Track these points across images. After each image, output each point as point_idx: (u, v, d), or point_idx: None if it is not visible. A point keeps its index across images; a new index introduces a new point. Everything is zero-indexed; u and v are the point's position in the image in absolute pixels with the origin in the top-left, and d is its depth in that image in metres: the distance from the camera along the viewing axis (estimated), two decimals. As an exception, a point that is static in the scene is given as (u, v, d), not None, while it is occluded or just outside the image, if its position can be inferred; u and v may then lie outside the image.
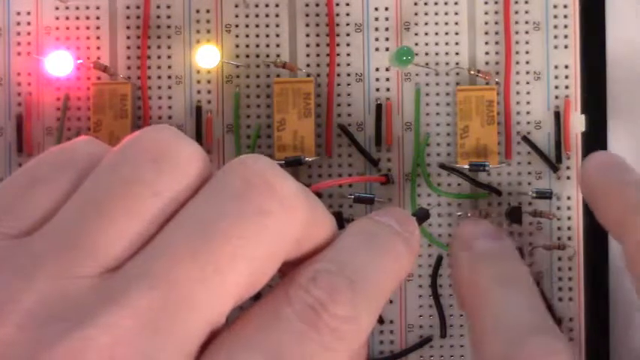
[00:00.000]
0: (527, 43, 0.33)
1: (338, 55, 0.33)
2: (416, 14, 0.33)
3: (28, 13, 0.33)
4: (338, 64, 0.33)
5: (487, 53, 0.33)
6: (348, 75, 0.33)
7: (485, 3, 0.33)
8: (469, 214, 0.33)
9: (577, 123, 0.33)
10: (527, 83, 0.33)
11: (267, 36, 0.33)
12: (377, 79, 0.33)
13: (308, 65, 0.33)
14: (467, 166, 0.32)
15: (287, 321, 0.19)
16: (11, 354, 0.17)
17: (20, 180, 0.20)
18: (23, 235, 0.19)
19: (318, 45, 0.33)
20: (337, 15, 0.33)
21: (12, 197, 0.20)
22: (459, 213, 0.33)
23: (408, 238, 0.22)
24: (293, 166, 0.32)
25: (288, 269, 0.21)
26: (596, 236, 0.33)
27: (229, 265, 0.18)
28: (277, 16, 0.33)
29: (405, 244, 0.22)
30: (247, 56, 0.33)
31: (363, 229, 0.22)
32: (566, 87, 0.33)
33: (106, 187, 0.19)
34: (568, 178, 0.33)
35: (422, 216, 0.27)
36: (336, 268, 0.20)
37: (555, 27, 0.33)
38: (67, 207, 0.19)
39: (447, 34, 0.33)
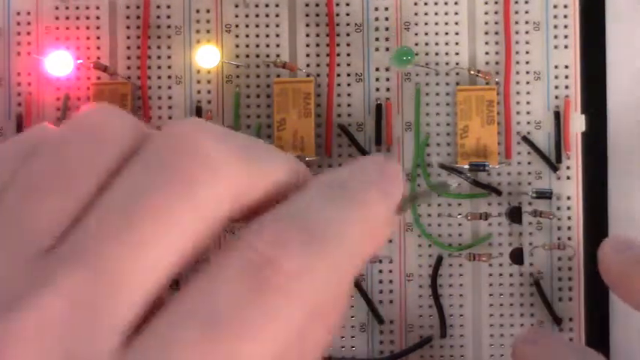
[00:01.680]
0: (527, 43, 0.33)
1: (338, 55, 0.33)
2: (416, 14, 0.33)
3: (28, 13, 0.33)
4: (338, 64, 0.33)
5: (487, 53, 0.33)
6: (348, 75, 0.33)
7: (485, 3, 0.33)
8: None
9: (577, 123, 0.33)
10: (527, 83, 0.33)
11: (267, 36, 0.33)
12: (377, 79, 0.33)
13: (308, 65, 0.33)
14: (467, 166, 0.32)
15: (227, 282, 0.17)
16: None
17: None
18: None
19: (318, 45, 0.33)
20: (337, 15, 0.33)
21: None
22: (459, 213, 0.33)
23: (381, 183, 0.20)
24: (293, 166, 0.32)
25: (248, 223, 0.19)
26: (596, 236, 0.33)
27: (156, 239, 0.18)
28: (277, 16, 0.33)
29: (377, 190, 0.19)
30: (247, 56, 0.33)
31: (330, 177, 0.20)
32: (566, 87, 0.33)
33: (40, 167, 0.19)
34: (568, 178, 0.33)
35: (439, 190, 0.26)
36: (288, 218, 0.18)
37: (555, 27, 0.33)
38: (6, 191, 0.19)
39: (447, 34, 0.33)
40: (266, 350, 0.17)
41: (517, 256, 0.33)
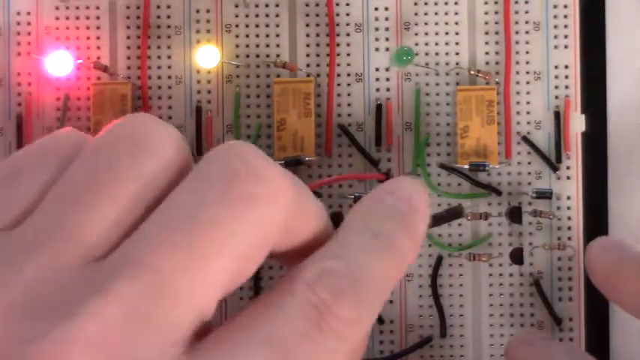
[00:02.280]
0: (527, 43, 0.33)
1: (338, 55, 0.33)
2: (416, 14, 0.33)
3: (28, 13, 0.33)
4: (338, 64, 0.33)
5: (487, 53, 0.33)
6: (348, 75, 0.33)
7: (485, 3, 0.33)
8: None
9: (577, 123, 0.33)
10: (527, 83, 0.33)
11: (267, 36, 0.33)
12: (377, 79, 0.33)
13: (308, 65, 0.33)
14: (467, 166, 0.32)
15: (292, 319, 0.19)
16: None
17: (2, 173, 0.20)
18: (8, 228, 0.19)
19: (318, 45, 0.33)
20: (337, 15, 0.33)
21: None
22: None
23: (412, 223, 0.22)
24: (293, 166, 0.32)
25: (282, 260, 0.21)
26: (596, 236, 0.33)
27: (214, 253, 0.18)
28: (277, 16, 0.33)
29: (409, 237, 0.21)
30: (247, 56, 0.33)
31: (371, 222, 0.21)
32: (566, 87, 0.33)
33: (86, 175, 0.19)
34: (568, 178, 0.33)
35: (453, 215, 0.27)
36: (342, 268, 0.20)
37: (555, 27, 0.33)
38: (49, 197, 0.19)
39: (447, 34, 0.33)
40: None
41: (517, 256, 0.33)
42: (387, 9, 0.33)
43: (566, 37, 0.33)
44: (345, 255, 0.20)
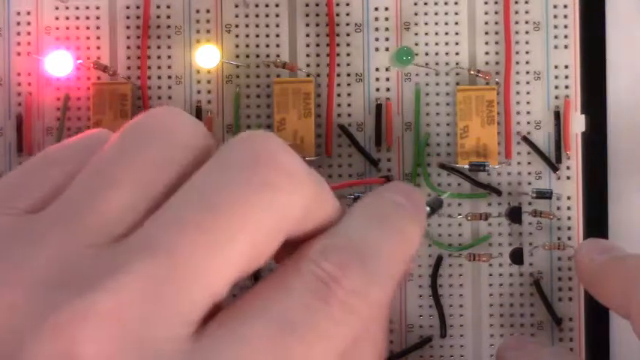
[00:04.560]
0: (527, 43, 0.33)
1: (338, 55, 0.33)
2: (416, 14, 0.33)
3: (28, 13, 0.33)
4: (338, 64, 0.33)
5: (487, 53, 0.33)
6: (348, 75, 0.33)
7: (485, 3, 0.33)
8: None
9: (577, 123, 0.33)
10: (527, 83, 0.33)
11: (267, 36, 0.33)
12: (377, 79, 0.33)
13: (308, 65, 0.33)
14: (467, 166, 0.32)
15: (297, 292, 0.19)
16: (19, 318, 0.18)
17: (35, 161, 0.21)
18: (36, 211, 0.20)
19: (318, 45, 0.33)
20: (337, 15, 0.33)
21: (25, 176, 0.21)
22: (459, 213, 0.33)
23: (415, 215, 0.22)
24: (293, 166, 0.32)
25: (290, 249, 0.21)
26: (596, 236, 0.33)
27: (234, 236, 0.19)
28: (277, 16, 0.33)
29: (413, 222, 0.22)
30: (247, 56, 0.33)
31: (372, 207, 0.22)
32: (566, 87, 0.33)
33: (110, 160, 0.20)
34: (568, 178, 0.33)
35: (436, 205, 0.27)
36: (347, 244, 0.20)
37: (555, 27, 0.33)
38: (76, 180, 0.20)
39: (447, 34, 0.33)
40: (330, 354, 0.19)
41: (517, 256, 0.33)
42: (387, 9, 0.33)
43: (566, 37, 0.33)
44: (350, 233, 0.21)
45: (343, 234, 0.21)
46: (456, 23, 0.33)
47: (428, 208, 0.25)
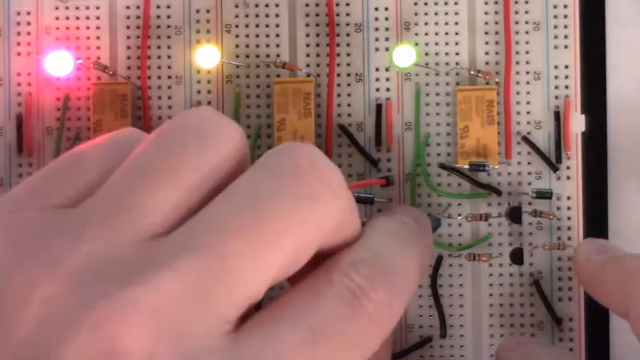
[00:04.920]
0: (527, 43, 0.33)
1: (338, 55, 0.33)
2: (416, 14, 0.33)
3: (28, 13, 0.33)
4: (338, 64, 0.33)
5: (487, 53, 0.33)
6: (348, 75, 0.33)
7: (485, 3, 0.33)
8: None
9: (577, 123, 0.33)
10: (527, 83, 0.33)
11: (267, 36, 0.33)
12: (377, 79, 0.33)
13: (308, 65, 0.33)
14: (467, 166, 0.32)
15: (329, 300, 0.20)
16: (58, 310, 0.18)
17: (67, 158, 0.22)
18: (70, 205, 0.20)
19: (318, 45, 0.33)
20: (337, 15, 0.33)
21: (57, 173, 0.21)
22: (459, 214, 0.33)
23: (426, 235, 0.24)
24: (293, 166, 0.32)
25: (317, 261, 0.21)
26: (596, 236, 0.33)
27: (273, 243, 0.19)
28: (277, 16, 0.33)
29: (424, 241, 0.24)
30: (247, 56, 0.33)
31: (389, 227, 0.23)
32: (566, 87, 0.33)
33: (152, 157, 0.20)
34: (568, 178, 0.33)
35: (435, 225, 0.30)
36: (374, 259, 0.21)
37: (555, 27, 0.33)
38: (114, 177, 0.20)
39: (447, 34, 0.33)
40: None
41: (517, 256, 0.33)
42: (387, 9, 0.33)
43: (566, 37, 0.33)
44: (373, 248, 0.22)
45: (369, 249, 0.22)
46: (456, 23, 0.33)
47: None
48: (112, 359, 0.17)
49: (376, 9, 0.33)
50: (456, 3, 0.33)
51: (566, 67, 0.33)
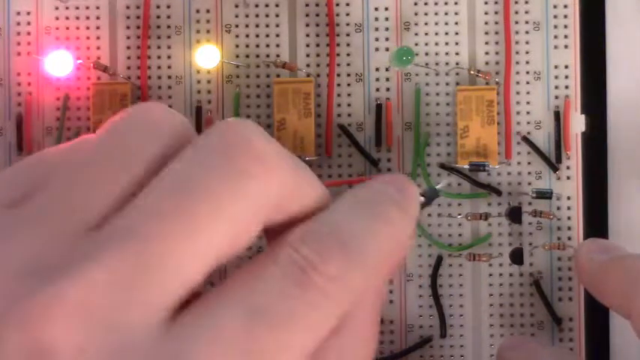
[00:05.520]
0: (527, 43, 0.33)
1: (338, 55, 0.33)
2: (416, 14, 0.33)
3: (28, 13, 0.33)
4: (338, 64, 0.33)
5: (487, 53, 0.33)
6: (348, 75, 0.33)
7: (485, 3, 0.33)
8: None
9: (577, 123, 0.33)
10: (527, 83, 0.33)
11: (267, 36, 0.33)
12: (377, 79, 0.33)
13: (308, 65, 0.33)
14: (467, 166, 0.32)
15: (272, 279, 0.19)
16: None
17: (21, 162, 0.22)
18: (16, 206, 0.20)
19: (318, 45, 0.33)
20: (337, 15, 0.33)
21: (7, 173, 0.21)
22: (459, 213, 0.33)
23: (406, 206, 0.22)
24: (293, 166, 0.32)
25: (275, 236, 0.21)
26: (596, 236, 0.33)
27: (208, 224, 0.19)
28: (277, 16, 0.33)
29: (402, 213, 0.22)
30: (247, 56, 0.33)
31: (361, 196, 0.22)
32: (566, 87, 0.33)
33: (89, 154, 0.20)
34: (568, 178, 0.33)
35: (431, 195, 0.27)
36: (329, 230, 0.20)
37: (555, 27, 0.33)
38: (55, 175, 0.20)
39: (447, 34, 0.33)
40: (306, 341, 0.19)
41: (517, 256, 0.33)
42: (387, 9, 0.33)
43: (566, 37, 0.33)
44: (334, 220, 0.21)
45: (327, 221, 0.20)
46: (456, 23, 0.33)
47: (422, 199, 0.25)
48: (43, 356, 0.17)
49: (376, 9, 0.33)
50: (456, 3, 0.33)
51: (566, 67, 0.33)
